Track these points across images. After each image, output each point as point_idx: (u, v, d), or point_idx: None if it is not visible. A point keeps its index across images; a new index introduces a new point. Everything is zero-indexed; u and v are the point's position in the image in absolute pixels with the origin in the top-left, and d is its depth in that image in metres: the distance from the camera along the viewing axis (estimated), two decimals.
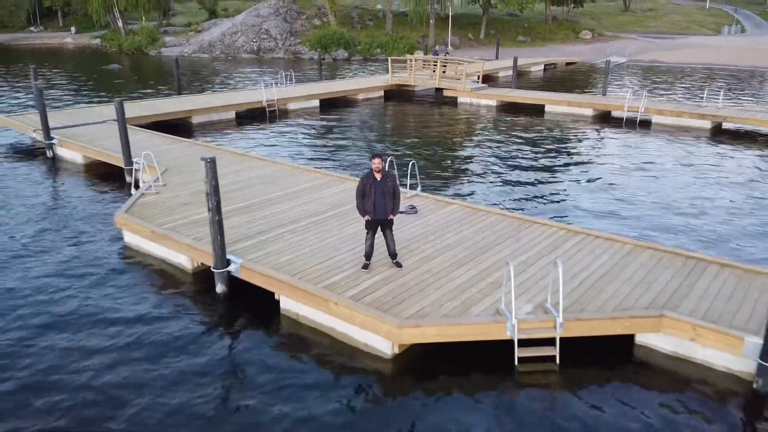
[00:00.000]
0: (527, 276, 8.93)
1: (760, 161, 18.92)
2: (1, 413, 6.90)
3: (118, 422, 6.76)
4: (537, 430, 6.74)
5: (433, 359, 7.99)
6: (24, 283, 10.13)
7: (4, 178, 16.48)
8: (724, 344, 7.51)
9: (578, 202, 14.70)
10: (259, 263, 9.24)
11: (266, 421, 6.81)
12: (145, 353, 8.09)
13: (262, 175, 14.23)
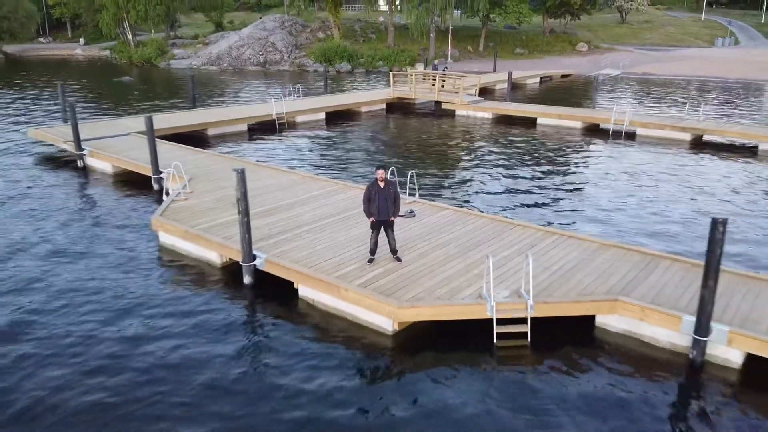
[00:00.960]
0: (507, 268, 10.58)
1: (732, 171, 20.57)
2: (81, 387, 8.56)
3: (171, 393, 8.41)
4: (511, 392, 8.36)
5: (427, 335, 9.64)
6: (78, 279, 11.79)
7: (42, 186, 18.19)
8: (666, 323, 9.15)
9: (560, 207, 16.34)
10: (281, 258, 10.91)
11: (289, 384, 8.43)
12: (186, 335, 9.74)
13: (277, 183, 15.91)
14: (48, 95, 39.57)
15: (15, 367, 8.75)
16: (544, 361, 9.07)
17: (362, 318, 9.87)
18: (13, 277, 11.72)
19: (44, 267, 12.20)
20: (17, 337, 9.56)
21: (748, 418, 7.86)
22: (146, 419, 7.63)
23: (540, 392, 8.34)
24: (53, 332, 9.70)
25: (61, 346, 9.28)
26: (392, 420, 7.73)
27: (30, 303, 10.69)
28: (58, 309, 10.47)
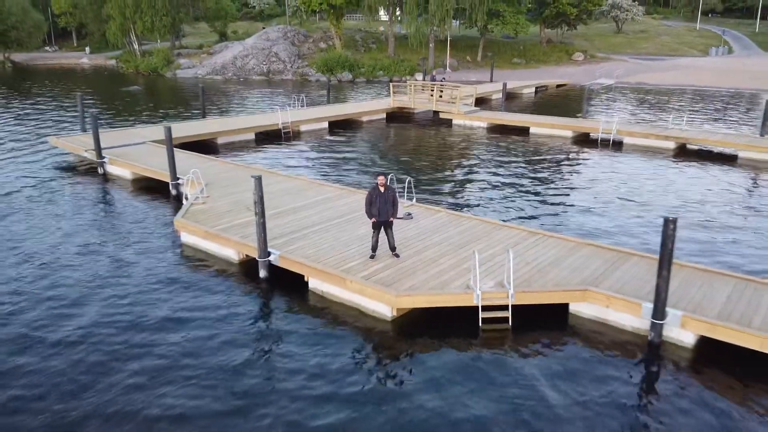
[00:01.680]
0: (492, 263, 11.96)
1: (710, 177, 21.98)
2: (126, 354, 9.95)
3: (198, 369, 9.80)
4: (494, 369, 9.71)
5: (422, 321, 11.02)
6: (112, 273, 13.19)
7: (68, 191, 19.62)
8: (629, 309, 10.54)
9: (547, 210, 17.74)
10: (293, 254, 12.31)
11: (302, 363, 9.80)
12: (211, 322, 11.12)
13: (286, 188, 17.32)
14: (60, 104, 41.11)
15: (67, 349, 10.14)
16: (523, 343, 10.43)
17: (365, 306, 11.26)
18: (55, 272, 13.12)
19: (79, 265, 13.59)
20: (64, 325, 10.95)
21: (698, 390, 9.21)
22: (182, 393, 9.01)
23: (519, 370, 9.69)
24: (96, 320, 11.09)
25: (105, 332, 10.67)
26: (391, 392, 9.10)
27: (71, 294, 12.08)
28: (96, 300, 11.86)
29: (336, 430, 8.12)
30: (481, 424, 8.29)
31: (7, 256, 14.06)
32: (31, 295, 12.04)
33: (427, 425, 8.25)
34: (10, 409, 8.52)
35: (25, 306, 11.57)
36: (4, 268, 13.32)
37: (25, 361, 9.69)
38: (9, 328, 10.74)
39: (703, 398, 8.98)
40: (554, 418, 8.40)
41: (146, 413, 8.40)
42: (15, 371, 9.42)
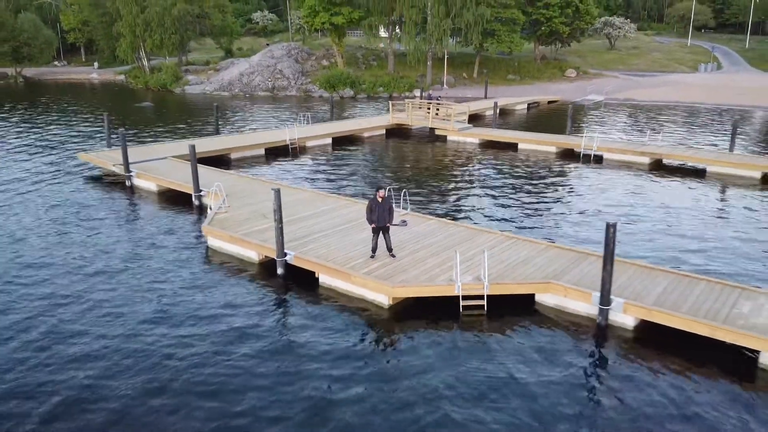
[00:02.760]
0: (472, 262, 14.28)
1: (680, 189, 24.35)
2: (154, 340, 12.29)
3: (224, 352, 12.12)
4: (471, 348, 12.00)
5: (413, 308, 13.35)
6: (146, 274, 15.55)
7: (101, 202, 22.01)
8: (582, 298, 12.87)
9: (527, 217, 20.10)
10: (306, 254, 14.67)
11: (314, 343, 12.11)
12: (236, 312, 13.45)
13: (297, 199, 19.67)
14: (80, 120, 43.64)
15: (111, 336, 12.49)
16: (496, 327, 12.74)
17: (366, 296, 13.60)
18: (103, 271, 15.48)
19: (120, 265, 15.95)
20: (111, 319, 13.30)
21: (636, 362, 11.50)
22: (214, 373, 11.34)
23: (492, 348, 11.98)
24: (149, 316, 13.44)
25: (148, 320, 13.01)
26: (387, 366, 11.41)
27: (114, 291, 14.44)
28: (139, 296, 14.22)
29: (342, 392, 10.44)
30: (458, 388, 10.59)
31: (66, 259, 16.43)
32: (100, 292, 14.41)
33: (416, 387, 10.56)
34: (103, 377, 10.85)
35: (94, 303, 13.94)
36: (65, 268, 15.69)
37: (105, 343, 12.04)
38: (82, 321, 13.10)
39: (640, 368, 11.26)
40: (519, 386, 10.68)
41: (187, 382, 10.74)
42: (96, 353, 11.76)
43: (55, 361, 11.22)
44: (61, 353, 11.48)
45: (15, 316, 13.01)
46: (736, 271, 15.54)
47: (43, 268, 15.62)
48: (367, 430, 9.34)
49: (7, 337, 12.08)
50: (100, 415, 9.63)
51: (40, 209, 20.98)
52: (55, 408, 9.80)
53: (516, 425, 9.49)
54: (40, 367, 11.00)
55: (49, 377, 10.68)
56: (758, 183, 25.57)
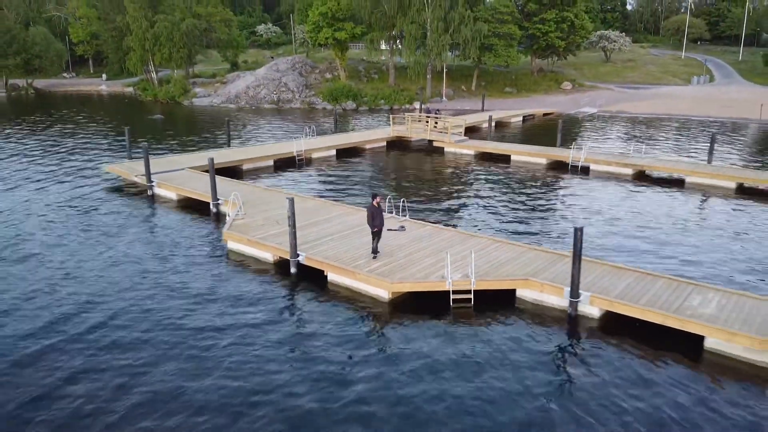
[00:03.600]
0: (461, 262, 16.29)
1: (659, 198, 26.37)
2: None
3: (245, 340, 14.15)
4: (460, 336, 14.00)
5: (409, 301, 15.36)
6: (174, 274, 17.59)
7: (126, 210, 24.08)
8: (555, 292, 14.88)
9: (515, 222, 22.13)
10: (316, 255, 16.71)
11: (324, 331, 14.12)
12: (254, 306, 15.47)
13: (305, 207, 21.71)
14: (94, 131, 45.84)
15: (143, 330, 14.51)
16: (482, 317, 14.75)
17: (369, 291, 15.63)
18: (137, 271, 17.53)
19: (150, 266, 18.00)
20: (144, 316, 15.33)
21: (600, 346, 13.49)
22: (243, 354, 13.35)
23: (478, 335, 13.98)
24: (178, 309, 15.47)
25: (182, 313, 15.05)
26: (386, 349, 13.43)
27: (144, 289, 16.48)
28: (172, 293, 16.26)
29: (349, 369, 12.44)
30: (448, 368, 12.58)
31: (103, 261, 18.49)
32: (138, 291, 16.46)
33: (412, 366, 12.57)
34: (149, 359, 12.88)
35: (132, 301, 15.98)
36: (103, 269, 17.74)
37: (136, 335, 14.07)
38: (122, 317, 15.13)
39: (603, 350, 13.24)
40: (501, 366, 12.65)
41: (220, 362, 12.77)
42: (140, 339, 13.80)
43: (108, 346, 13.26)
44: (114, 340, 13.51)
45: (67, 307, 15.06)
46: (696, 270, 17.53)
47: (88, 268, 17.67)
48: (369, 399, 11.34)
49: (65, 328, 14.12)
50: (146, 392, 11.65)
51: (73, 217, 23.05)
52: (118, 386, 11.83)
53: (497, 396, 11.47)
54: (103, 350, 13.03)
55: (106, 360, 12.71)
56: (733, 193, 27.59)
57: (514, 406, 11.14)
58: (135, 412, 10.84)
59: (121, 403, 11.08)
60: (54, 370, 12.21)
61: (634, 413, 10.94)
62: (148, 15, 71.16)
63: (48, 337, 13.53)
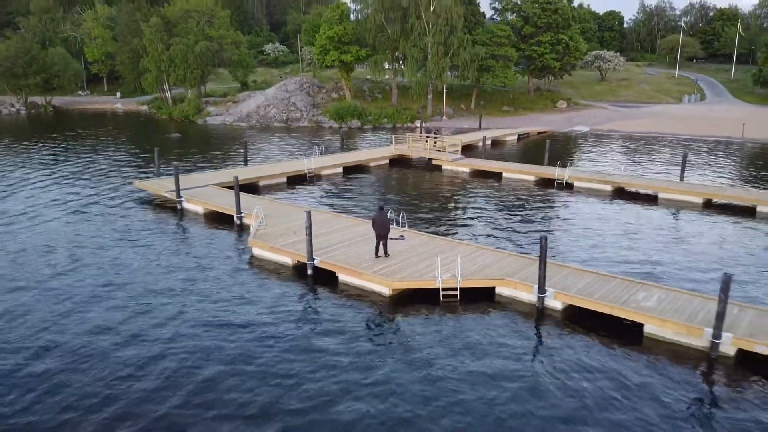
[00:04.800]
0: (450, 264, 19.50)
1: (631, 212, 29.56)
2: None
3: (269, 331, 17.40)
4: (448, 327, 17.18)
5: (406, 297, 18.58)
6: (205, 279, 20.87)
7: (159, 222, 27.41)
8: (526, 289, 18.08)
9: (500, 232, 25.35)
10: (329, 259, 19.98)
11: (335, 322, 17.35)
12: (275, 303, 18.72)
13: (317, 219, 24.86)
14: (116, 149, 49.38)
15: (178, 326, 17.78)
16: (466, 311, 17.93)
17: (373, 289, 18.87)
18: (174, 276, 20.82)
19: (186, 271, 21.29)
20: (179, 316, 18.60)
21: (562, 332, 16.67)
22: (269, 342, 16.60)
23: (463, 324, 17.16)
24: (208, 303, 18.74)
25: (218, 310, 18.31)
26: (387, 336, 16.65)
27: (188, 288, 19.76)
28: (209, 292, 19.53)
29: (355, 351, 15.66)
30: (438, 350, 15.78)
31: (146, 264, 21.80)
32: (177, 295, 19.75)
33: (408, 349, 15.78)
34: (189, 353, 16.12)
35: (167, 302, 19.26)
36: (150, 273, 21.04)
37: (178, 332, 17.34)
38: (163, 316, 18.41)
39: (564, 335, 16.41)
40: (481, 347, 15.80)
41: (250, 349, 16.01)
42: (183, 333, 17.06)
43: (153, 339, 16.52)
44: (159, 336, 16.77)
45: (113, 301, 18.34)
46: (650, 271, 20.71)
47: (133, 270, 20.97)
48: (372, 371, 14.54)
49: (115, 326, 17.38)
50: (189, 379, 14.89)
51: (111, 229, 26.40)
52: (160, 377, 15.07)
53: (476, 371, 14.64)
54: (150, 343, 16.29)
55: (152, 353, 15.96)
56: (700, 207, 30.78)
57: (489, 379, 14.30)
58: (202, 387, 14.07)
59: (192, 378, 14.33)
60: (145, 346, 15.48)
61: (586, 384, 14.10)
62: (164, 38, 75.08)
63: (134, 329, 16.81)
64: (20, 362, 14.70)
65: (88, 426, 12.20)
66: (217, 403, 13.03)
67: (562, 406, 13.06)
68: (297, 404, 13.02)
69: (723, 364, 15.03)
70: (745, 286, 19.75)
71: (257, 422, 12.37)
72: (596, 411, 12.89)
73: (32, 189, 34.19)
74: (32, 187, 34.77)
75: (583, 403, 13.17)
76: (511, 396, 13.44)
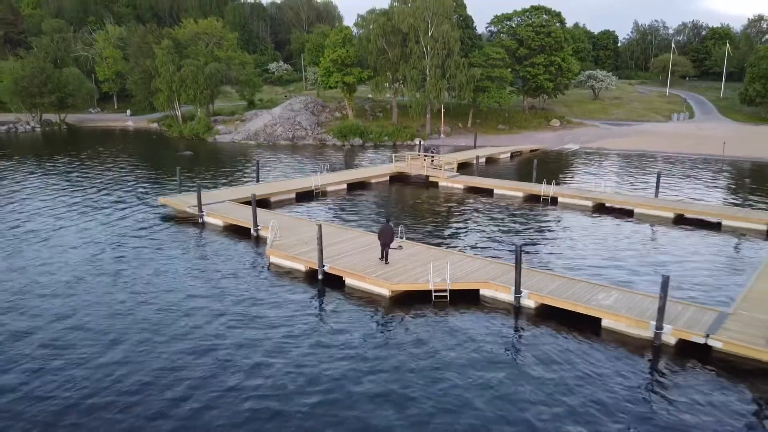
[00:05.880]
0: (442, 269, 22.73)
1: (605, 225, 32.82)
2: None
3: (287, 330, 20.65)
4: (438, 322, 20.37)
5: (404, 298, 21.79)
6: (234, 284, 24.13)
7: (184, 236, 30.70)
8: (505, 291, 21.31)
9: (488, 242, 28.59)
10: (337, 265, 23.25)
11: (342, 319, 20.57)
12: (291, 305, 21.95)
13: (325, 231, 28.13)
14: (133, 166, 52.82)
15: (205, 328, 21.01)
16: (454, 309, 21.12)
17: (375, 291, 22.11)
18: (201, 280, 24.07)
19: (212, 276, 24.54)
20: (208, 318, 21.85)
21: (534, 326, 19.86)
22: (285, 337, 19.82)
23: (451, 320, 20.35)
24: (231, 305, 21.98)
25: (239, 311, 21.54)
26: (388, 331, 19.88)
27: (216, 295, 23.01)
28: (232, 295, 22.78)
29: (360, 343, 18.87)
30: (430, 341, 18.97)
31: (174, 271, 25.05)
32: (201, 299, 22.99)
33: (405, 341, 19.00)
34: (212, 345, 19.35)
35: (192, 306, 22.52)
36: (179, 278, 24.29)
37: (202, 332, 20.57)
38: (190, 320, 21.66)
39: (536, 329, 19.59)
40: (467, 339, 18.99)
41: (270, 342, 19.23)
42: (207, 332, 20.29)
43: (177, 337, 19.75)
44: (209, 331, 20.00)
45: (149, 306, 21.58)
46: (614, 275, 23.91)
47: (169, 277, 24.23)
48: (375, 360, 17.74)
49: (151, 326, 20.61)
50: (210, 372, 18.11)
51: (142, 241, 29.69)
52: (217, 361, 18.31)
53: (461, 358, 17.82)
54: (182, 338, 19.51)
55: (179, 349, 19.19)
56: (671, 222, 34.02)
57: (471, 363, 17.50)
58: (253, 370, 17.29)
59: (233, 371, 17.56)
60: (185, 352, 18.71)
61: (553, 366, 17.29)
62: (176, 60, 78.88)
63: (170, 327, 20.04)
64: (97, 350, 17.93)
65: (168, 393, 15.42)
66: (256, 376, 16.26)
67: (532, 386, 16.25)
68: (313, 380, 16.23)
69: (665, 351, 18.20)
70: (695, 288, 22.95)
71: (290, 395, 15.59)
72: (560, 389, 16.05)
73: (63, 208, 37.51)
74: (62, 205, 38.07)
75: (550, 384, 16.35)
76: (488, 378, 16.60)
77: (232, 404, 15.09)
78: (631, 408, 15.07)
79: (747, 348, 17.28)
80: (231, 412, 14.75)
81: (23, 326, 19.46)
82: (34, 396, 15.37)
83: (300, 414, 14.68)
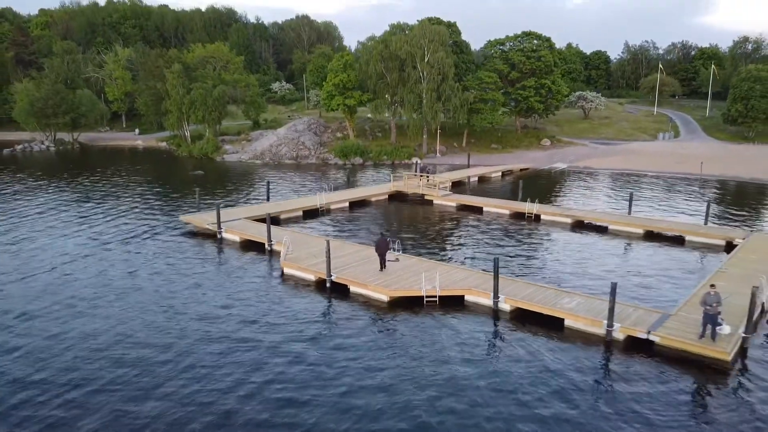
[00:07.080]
0: (432, 278, 26.59)
1: (582, 240, 36.76)
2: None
3: (297, 332, 24.54)
4: (429, 324, 24.23)
5: (400, 303, 25.66)
6: (254, 292, 28.01)
7: (205, 249, 34.61)
8: (485, 296, 25.18)
9: (474, 254, 32.47)
10: (343, 275, 27.15)
11: (347, 322, 24.44)
12: (301, 311, 25.83)
13: (332, 245, 32.09)
14: (148, 185, 56.83)
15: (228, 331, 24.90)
16: (443, 312, 24.96)
17: (375, 297, 25.98)
18: (221, 290, 27.95)
19: (230, 286, 28.43)
20: (224, 324, 25.73)
21: (509, 327, 23.71)
22: (283, 349, 23.70)
23: (439, 322, 24.19)
24: (249, 311, 25.86)
25: (257, 316, 25.42)
26: (386, 329, 23.75)
27: (239, 301, 26.88)
28: (250, 301, 26.67)
29: (361, 341, 22.73)
30: (421, 338, 22.82)
31: (196, 283, 28.94)
32: (221, 309, 26.87)
33: (402, 339, 22.86)
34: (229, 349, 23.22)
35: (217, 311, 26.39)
36: (200, 287, 28.18)
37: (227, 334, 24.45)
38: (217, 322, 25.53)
39: (512, 329, 23.44)
40: (451, 338, 22.87)
41: (286, 339, 23.10)
42: (228, 336, 24.16)
43: (221, 336, 23.60)
44: (231, 331, 23.85)
45: (195, 309, 25.43)
46: (585, 283, 27.78)
47: (191, 288, 28.10)
48: (376, 356, 21.58)
49: (174, 334, 24.47)
50: (229, 374, 21.96)
51: (166, 256, 33.59)
52: (237, 362, 22.16)
53: (447, 353, 21.66)
54: (204, 341, 23.36)
55: (231, 347, 23.05)
56: (641, 237, 37.94)
57: (453, 357, 21.37)
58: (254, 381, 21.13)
59: (258, 376, 21.41)
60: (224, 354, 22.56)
61: (522, 359, 21.16)
62: (185, 83, 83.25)
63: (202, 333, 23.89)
64: (144, 351, 21.78)
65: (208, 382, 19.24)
66: (274, 371, 20.09)
67: (505, 375, 20.09)
68: (325, 369, 20.08)
69: (615, 346, 22.03)
70: (650, 294, 26.83)
71: (306, 386, 19.42)
72: (527, 379, 19.88)
73: (87, 226, 41.45)
74: (87, 224, 42.00)
75: (518, 374, 20.20)
76: (468, 371, 20.45)
77: (270, 393, 18.94)
78: (584, 394, 18.87)
79: (680, 342, 21.14)
80: (267, 399, 18.59)
81: (92, 333, 23.33)
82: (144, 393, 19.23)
83: (324, 399, 18.53)
